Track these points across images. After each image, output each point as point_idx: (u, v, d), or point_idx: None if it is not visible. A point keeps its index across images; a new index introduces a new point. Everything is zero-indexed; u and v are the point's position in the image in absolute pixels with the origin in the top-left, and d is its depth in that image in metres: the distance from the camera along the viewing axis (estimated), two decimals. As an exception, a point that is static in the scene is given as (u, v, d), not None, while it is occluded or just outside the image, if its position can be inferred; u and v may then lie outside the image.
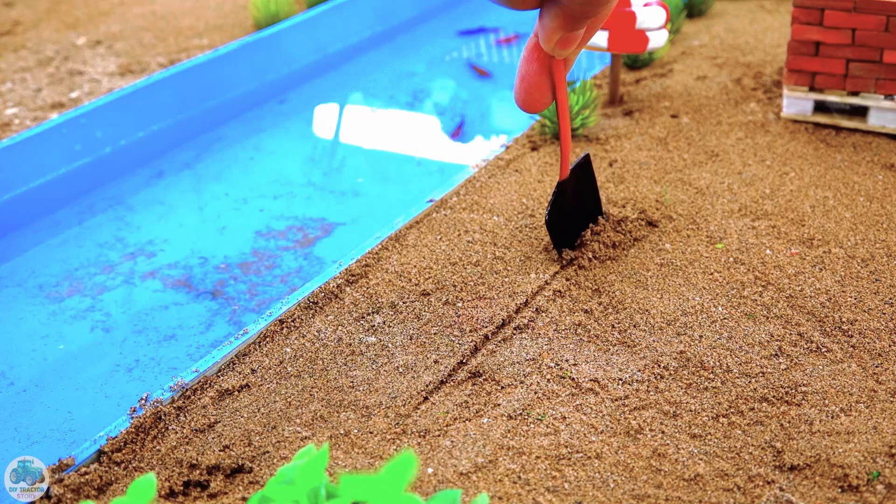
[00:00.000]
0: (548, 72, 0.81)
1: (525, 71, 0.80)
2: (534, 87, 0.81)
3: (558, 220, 1.27)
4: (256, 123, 2.11)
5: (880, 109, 1.62)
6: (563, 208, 1.27)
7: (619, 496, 0.89)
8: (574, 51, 0.78)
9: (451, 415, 1.01)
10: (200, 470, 0.94)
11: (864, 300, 1.19)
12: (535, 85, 0.81)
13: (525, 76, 0.80)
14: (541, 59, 0.80)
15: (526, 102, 0.80)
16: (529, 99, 0.80)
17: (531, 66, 0.80)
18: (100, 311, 1.44)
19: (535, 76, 0.81)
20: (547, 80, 0.82)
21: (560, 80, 0.97)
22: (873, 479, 0.90)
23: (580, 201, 1.31)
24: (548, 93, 0.81)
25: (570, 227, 1.30)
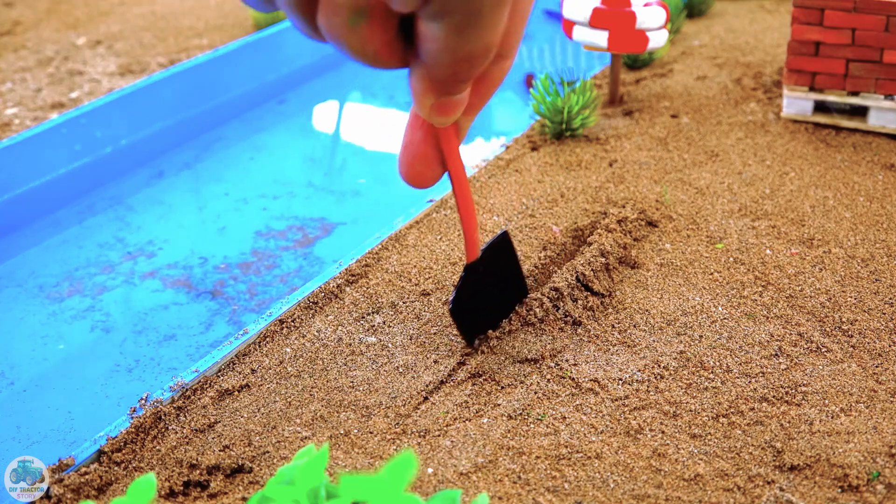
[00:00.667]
0: (434, 141, 0.70)
1: (408, 140, 0.69)
2: (417, 158, 0.69)
3: (466, 307, 1.08)
4: (256, 123, 2.11)
5: (880, 109, 1.62)
6: (472, 294, 1.08)
7: (619, 496, 0.89)
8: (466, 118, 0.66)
9: (451, 415, 1.01)
10: (200, 470, 0.94)
11: (864, 300, 1.19)
12: (419, 157, 0.69)
13: (408, 146, 0.69)
14: (425, 127, 0.69)
15: (409, 175, 0.69)
16: (413, 172, 0.69)
17: (415, 134, 0.69)
18: (100, 311, 1.44)
19: (420, 146, 0.69)
20: (433, 152, 0.70)
21: (450, 151, 0.81)
22: (873, 479, 0.90)
23: (496, 285, 1.12)
24: (435, 166, 0.70)
25: (482, 314, 1.12)
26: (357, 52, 0.50)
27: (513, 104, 2.27)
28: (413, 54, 0.52)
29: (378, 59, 0.51)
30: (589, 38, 1.69)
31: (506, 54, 0.57)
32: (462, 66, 0.51)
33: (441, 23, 0.47)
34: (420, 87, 0.55)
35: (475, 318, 1.10)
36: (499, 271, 1.11)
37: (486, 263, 1.08)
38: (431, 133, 0.69)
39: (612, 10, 1.65)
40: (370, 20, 0.49)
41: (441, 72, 0.52)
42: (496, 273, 1.11)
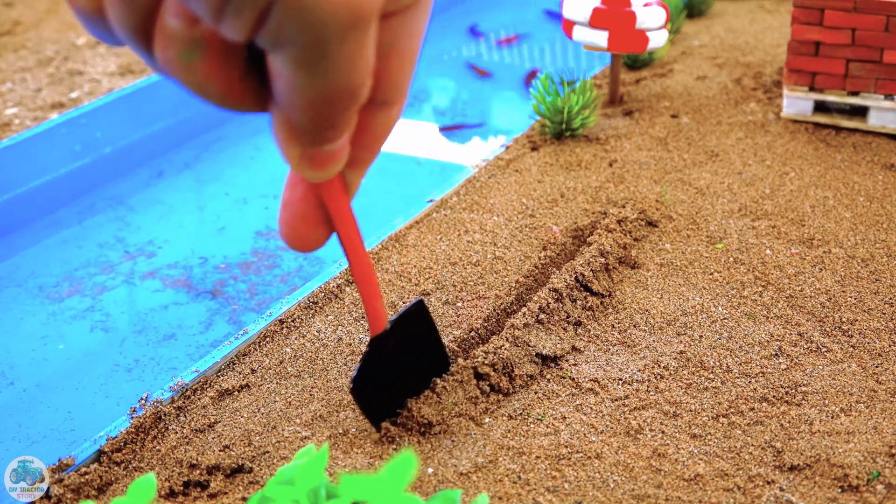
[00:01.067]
0: (316, 199, 0.60)
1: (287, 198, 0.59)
2: (297, 219, 0.59)
3: (372, 386, 0.94)
4: (256, 123, 2.11)
5: (880, 109, 1.62)
6: (379, 371, 0.94)
7: (619, 496, 0.89)
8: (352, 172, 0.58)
9: (452, 414, 1.01)
10: (200, 470, 0.94)
11: (864, 300, 1.19)
12: (298, 217, 0.59)
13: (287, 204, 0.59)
14: (305, 183, 0.59)
15: (291, 238, 0.59)
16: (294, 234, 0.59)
17: (294, 191, 0.58)
18: (100, 311, 1.44)
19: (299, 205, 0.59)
20: (315, 211, 0.60)
21: (338, 210, 0.68)
22: (873, 479, 0.90)
23: (409, 360, 0.97)
24: (318, 227, 0.61)
25: (391, 393, 0.97)
26: (198, 91, 0.44)
27: (513, 104, 2.27)
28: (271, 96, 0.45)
29: (224, 100, 0.45)
30: (589, 38, 1.69)
31: (391, 100, 0.50)
32: (320, 110, 0.44)
33: (283, 56, 0.41)
34: (281, 135, 0.47)
35: (383, 397, 0.97)
36: (413, 344, 0.97)
37: (397, 336, 0.93)
38: (312, 190, 0.59)
39: (612, 10, 1.65)
40: (206, 55, 0.43)
41: (298, 116, 0.44)
42: (409, 346, 0.96)
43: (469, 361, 1.03)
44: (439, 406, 0.98)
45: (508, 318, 1.15)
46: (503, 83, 2.34)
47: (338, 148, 0.49)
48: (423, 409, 0.97)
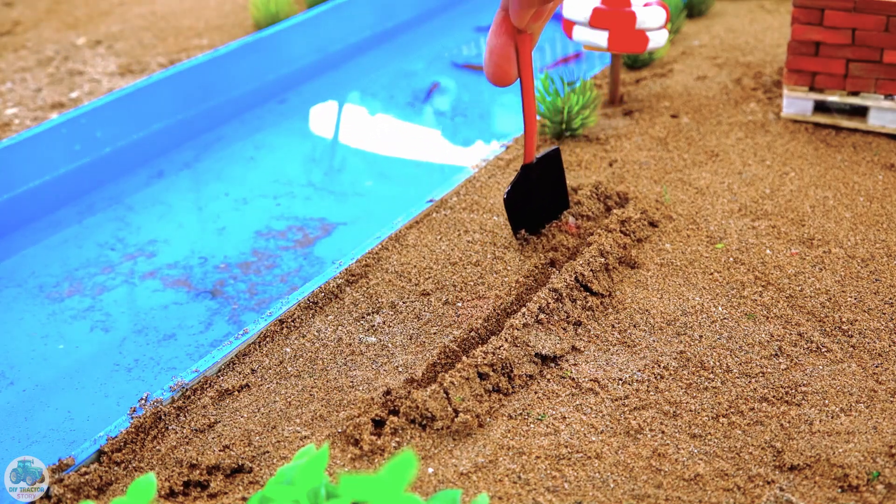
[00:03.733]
0: (514, 44, 0.88)
1: (494, 44, 0.85)
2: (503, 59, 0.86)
3: (519, 202, 1.28)
4: (256, 123, 2.11)
5: (880, 109, 1.62)
6: (525, 192, 1.27)
7: (619, 496, 0.89)
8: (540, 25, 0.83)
9: (452, 412, 1.01)
10: (200, 470, 0.94)
11: (864, 300, 1.19)
12: (503, 57, 0.86)
13: (494, 49, 0.85)
14: (509, 33, 0.86)
15: (496, 75, 0.87)
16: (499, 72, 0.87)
17: (500, 39, 0.84)
18: (100, 311, 1.44)
19: (504, 49, 0.86)
20: (514, 54, 0.88)
21: (525, 54, 0.98)
22: (873, 479, 0.90)
23: (545, 190, 1.31)
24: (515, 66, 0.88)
25: (530, 212, 1.31)
26: None
27: (513, 104, 2.27)
28: None
29: None
30: (589, 38, 1.69)
31: None
32: None
33: None
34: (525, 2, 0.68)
35: (523, 213, 1.29)
36: (549, 180, 1.29)
37: (539, 170, 1.27)
38: (512, 37, 0.86)
39: (612, 10, 1.65)
40: None
41: None
42: (546, 180, 1.29)
43: (472, 360, 1.03)
44: (445, 402, 0.98)
45: (508, 318, 1.15)
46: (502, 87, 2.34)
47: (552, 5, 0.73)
48: (429, 403, 0.97)
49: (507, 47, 0.87)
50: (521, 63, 0.99)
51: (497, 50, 0.86)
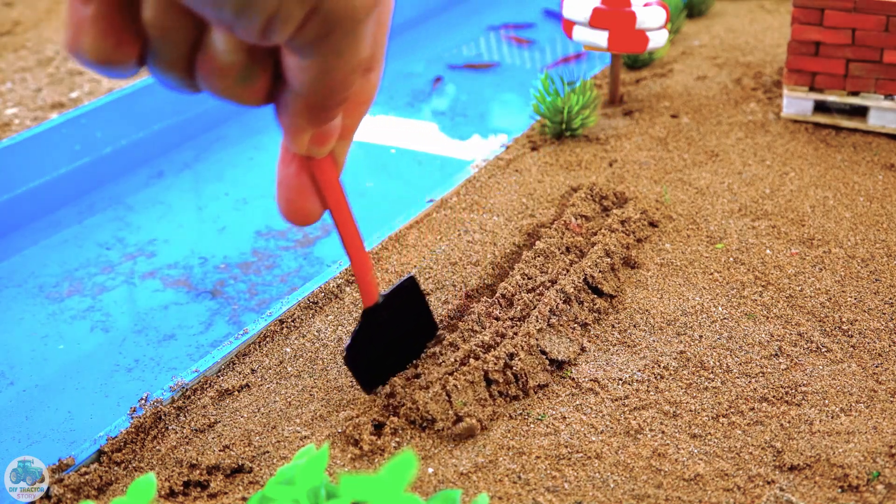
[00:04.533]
0: (309, 172, 0.66)
1: (282, 176, 0.66)
2: (295, 192, 0.66)
3: (365, 353, 0.99)
4: (256, 123, 2.11)
5: (880, 109, 1.62)
6: (372, 339, 0.98)
7: (619, 496, 0.89)
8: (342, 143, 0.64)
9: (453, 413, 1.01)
10: (200, 470, 0.94)
11: (864, 300, 1.19)
12: (295, 190, 0.65)
13: (283, 181, 0.66)
14: (298, 159, 0.66)
15: (290, 212, 0.65)
16: (293, 208, 0.65)
17: (288, 168, 0.66)
18: (100, 311, 1.44)
19: (294, 180, 0.65)
20: (309, 184, 0.66)
21: (327, 182, 0.72)
22: (873, 479, 0.90)
23: (401, 329, 1.02)
24: (315, 199, 0.67)
25: (383, 362, 1.02)
26: (245, 101, 0.50)
27: (513, 104, 2.27)
28: (281, 90, 0.50)
29: (257, 102, 0.51)
30: (589, 38, 1.69)
31: (374, 66, 0.56)
32: (338, 88, 0.49)
33: (311, 49, 0.46)
34: (296, 122, 0.52)
35: (375, 365, 1.01)
36: (405, 316, 1.02)
37: (389, 308, 0.98)
38: (305, 165, 0.66)
39: (612, 10, 1.65)
40: (259, 71, 0.48)
41: (317, 99, 0.50)
42: (402, 317, 1.01)
43: (480, 363, 1.02)
44: (447, 405, 0.98)
45: (522, 322, 1.15)
46: (503, 83, 2.34)
47: (338, 122, 0.56)
48: (430, 406, 0.97)
49: (299, 178, 0.65)
50: (325, 193, 0.72)
51: (286, 182, 0.65)
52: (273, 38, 0.45)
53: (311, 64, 0.47)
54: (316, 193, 0.67)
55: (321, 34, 0.45)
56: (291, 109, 0.51)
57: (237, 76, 0.48)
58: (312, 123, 0.53)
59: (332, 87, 0.49)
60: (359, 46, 0.47)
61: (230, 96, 0.49)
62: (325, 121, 0.53)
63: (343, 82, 0.49)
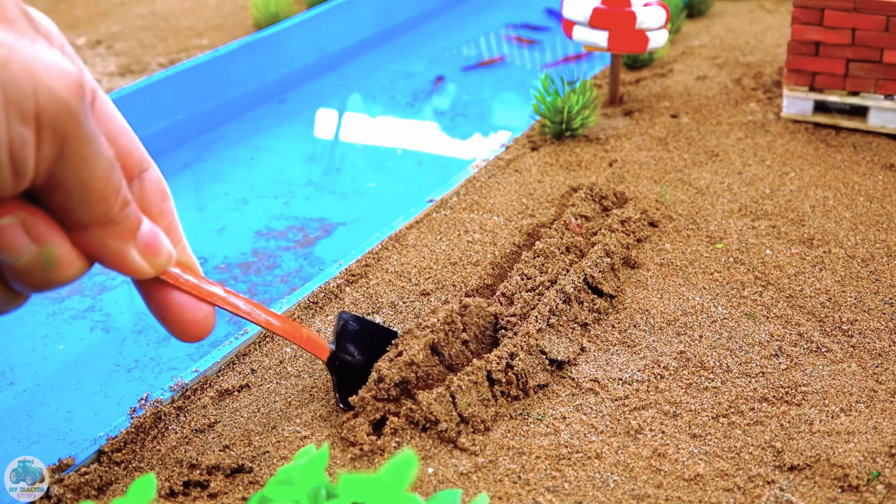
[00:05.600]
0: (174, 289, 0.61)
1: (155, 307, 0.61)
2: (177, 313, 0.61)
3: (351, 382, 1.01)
4: (256, 123, 2.11)
5: (880, 109, 1.62)
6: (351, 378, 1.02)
7: (619, 496, 0.89)
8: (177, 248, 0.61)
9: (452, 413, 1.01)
10: (200, 470, 0.94)
11: (864, 300, 1.19)
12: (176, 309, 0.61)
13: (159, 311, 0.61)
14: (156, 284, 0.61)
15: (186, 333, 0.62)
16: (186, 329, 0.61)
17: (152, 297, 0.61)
18: (100, 311, 1.44)
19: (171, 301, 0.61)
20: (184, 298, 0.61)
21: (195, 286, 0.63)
22: (873, 479, 0.90)
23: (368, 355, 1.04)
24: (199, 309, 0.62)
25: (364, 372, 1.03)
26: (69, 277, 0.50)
27: (513, 104, 2.27)
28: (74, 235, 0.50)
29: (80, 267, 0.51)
30: (589, 38, 1.69)
31: (144, 166, 0.57)
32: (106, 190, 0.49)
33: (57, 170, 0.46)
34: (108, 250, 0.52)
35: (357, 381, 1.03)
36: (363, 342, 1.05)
37: (345, 348, 1.02)
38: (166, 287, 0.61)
39: (612, 10, 1.65)
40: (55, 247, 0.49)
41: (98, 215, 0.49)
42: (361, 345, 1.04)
43: (483, 363, 1.02)
44: (451, 405, 0.98)
45: (521, 321, 1.15)
46: (503, 83, 2.34)
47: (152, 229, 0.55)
48: (434, 407, 0.97)
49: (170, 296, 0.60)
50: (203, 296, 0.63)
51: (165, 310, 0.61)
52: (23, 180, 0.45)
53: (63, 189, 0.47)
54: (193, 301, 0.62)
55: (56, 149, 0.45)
56: (96, 244, 0.51)
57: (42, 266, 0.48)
58: (120, 239, 0.52)
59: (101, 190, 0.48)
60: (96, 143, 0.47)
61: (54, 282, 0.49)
62: (129, 229, 0.52)
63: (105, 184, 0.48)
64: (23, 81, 0.44)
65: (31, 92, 0.44)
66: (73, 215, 0.49)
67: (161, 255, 0.56)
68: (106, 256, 0.52)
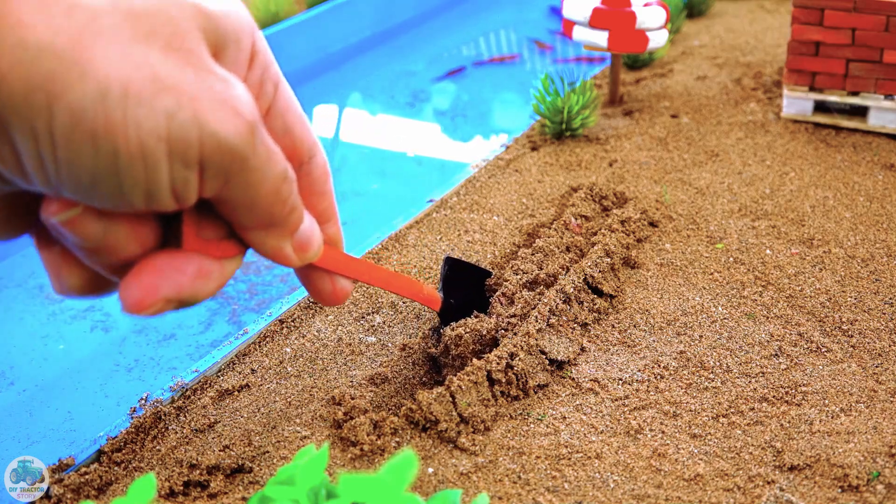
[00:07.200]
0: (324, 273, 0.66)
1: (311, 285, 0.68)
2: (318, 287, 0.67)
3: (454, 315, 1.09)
4: (256, 123, 2.11)
5: (880, 109, 1.62)
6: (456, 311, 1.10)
7: (619, 496, 0.89)
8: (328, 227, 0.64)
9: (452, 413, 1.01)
10: (200, 470, 0.94)
11: (864, 300, 1.19)
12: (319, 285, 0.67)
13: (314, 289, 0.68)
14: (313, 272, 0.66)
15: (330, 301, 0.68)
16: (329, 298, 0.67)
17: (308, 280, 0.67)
18: (100, 311, 1.44)
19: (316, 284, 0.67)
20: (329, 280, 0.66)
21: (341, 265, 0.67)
22: (873, 479, 0.90)
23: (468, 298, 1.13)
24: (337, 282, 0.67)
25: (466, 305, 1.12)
26: None
27: (513, 104, 2.27)
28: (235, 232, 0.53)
29: None
30: (589, 38, 1.69)
31: (313, 153, 0.58)
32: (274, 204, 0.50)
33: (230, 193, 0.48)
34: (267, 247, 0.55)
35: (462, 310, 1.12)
36: (464, 286, 1.12)
37: (450, 294, 1.09)
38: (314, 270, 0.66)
39: (612, 9, 1.65)
40: None
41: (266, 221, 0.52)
42: (463, 289, 1.12)
43: (483, 363, 1.02)
44: (451, 406, 0.98)
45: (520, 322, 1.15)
46: (504, 83, 2.34)
47: (309, 226, 0.57)
48: (434, 407, 0.97)
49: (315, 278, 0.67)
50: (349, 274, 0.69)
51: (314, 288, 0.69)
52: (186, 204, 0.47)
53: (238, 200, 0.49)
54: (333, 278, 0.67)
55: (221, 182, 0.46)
56: (257, 242, 0.54)
57: None
58: (280, 238, 0.54)
59: (264, 208, 0.50)
60: (265, 166, 0.48)
61: None
62: (293, 230, 0.54)
63: (278, 198, 0.50)
64: (189, 131, 0.43)
65: (196, 140, 0.43)
66: (239, 219, 0.51)
67: (311, 250, 0.58)
68: (263, 251, 0.55)
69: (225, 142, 0.44)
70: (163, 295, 0.50)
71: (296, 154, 0.57)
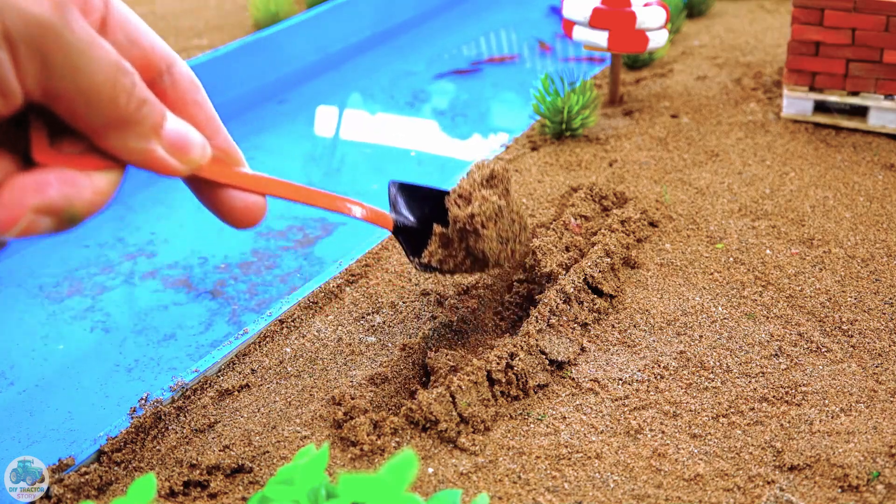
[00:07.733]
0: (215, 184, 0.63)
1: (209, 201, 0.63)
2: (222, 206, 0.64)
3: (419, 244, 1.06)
4: (256, 123, 2.11)
5: (880, 109, 1.62)
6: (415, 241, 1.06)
7: (619, 496, 0.89)
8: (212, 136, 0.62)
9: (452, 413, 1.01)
10: (200, 470, 0.94)
11: (864, 300, 1.19)
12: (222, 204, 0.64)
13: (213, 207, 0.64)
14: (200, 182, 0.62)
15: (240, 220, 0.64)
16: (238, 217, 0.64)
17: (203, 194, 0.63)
18: (100, 311, 1.44)
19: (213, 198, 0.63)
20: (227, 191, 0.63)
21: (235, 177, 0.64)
22: (873, 479, 0.90)
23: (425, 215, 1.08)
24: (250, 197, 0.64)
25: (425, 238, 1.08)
26: None
27: (513, 104, 2.27)
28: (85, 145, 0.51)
29: None
30: (589, 38, 1.69)
31: (170, 62, 0.56)
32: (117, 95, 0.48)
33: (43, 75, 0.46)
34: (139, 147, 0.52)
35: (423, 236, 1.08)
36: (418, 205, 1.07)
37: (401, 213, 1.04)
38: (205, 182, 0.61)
39: (612, 10, 1.65)
40: None
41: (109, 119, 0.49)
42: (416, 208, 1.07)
43: (483, 363, 1.02)
44: (451, 406, 0.98)
45: (520, 322, 1.15)
46: (503, 83, 2.34)
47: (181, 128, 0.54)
48: (434, 407, 0.97)
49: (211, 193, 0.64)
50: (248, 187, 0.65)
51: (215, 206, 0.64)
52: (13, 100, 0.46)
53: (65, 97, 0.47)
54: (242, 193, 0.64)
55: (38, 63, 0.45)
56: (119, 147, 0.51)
57: None
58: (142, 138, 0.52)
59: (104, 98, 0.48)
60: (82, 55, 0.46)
61: None
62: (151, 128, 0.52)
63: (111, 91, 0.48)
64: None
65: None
66: (85, 120, 0.49)
67: (192, 150, 0.55)
68: (131, 157, 0.52)
69: (28, 12, 0.44)
70: (29, 205, 0.49)
71: (151, 65, 0.55)
